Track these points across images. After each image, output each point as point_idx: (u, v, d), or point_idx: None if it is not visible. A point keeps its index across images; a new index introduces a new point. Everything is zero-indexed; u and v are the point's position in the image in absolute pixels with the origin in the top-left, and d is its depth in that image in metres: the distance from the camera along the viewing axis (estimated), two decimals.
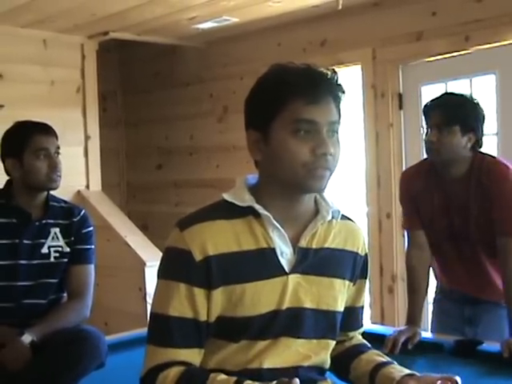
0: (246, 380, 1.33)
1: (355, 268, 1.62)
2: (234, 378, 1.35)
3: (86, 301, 2.50)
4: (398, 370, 1.57)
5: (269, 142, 1.46)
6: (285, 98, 1.43)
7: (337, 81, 1.48)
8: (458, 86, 3.95)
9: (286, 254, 1.50)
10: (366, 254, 1.66)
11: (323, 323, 1.54)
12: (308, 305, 1.51)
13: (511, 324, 2.44)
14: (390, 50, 4.22)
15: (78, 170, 4.96)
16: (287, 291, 1.48)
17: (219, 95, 5.39)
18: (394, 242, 4.25)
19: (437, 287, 2.91)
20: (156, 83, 5.90)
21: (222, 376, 1.37)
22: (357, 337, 1.75)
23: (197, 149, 5.61)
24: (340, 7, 3.72)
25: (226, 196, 1.51)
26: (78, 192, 4.93)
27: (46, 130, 2.53)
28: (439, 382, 1.47)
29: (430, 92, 4.10)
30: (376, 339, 2.38)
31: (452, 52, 3.94)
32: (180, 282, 1.43)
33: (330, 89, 1.46)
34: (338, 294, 1.57)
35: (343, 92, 1.49)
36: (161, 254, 4.90)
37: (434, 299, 2.91)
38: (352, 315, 1.67)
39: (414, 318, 2.60)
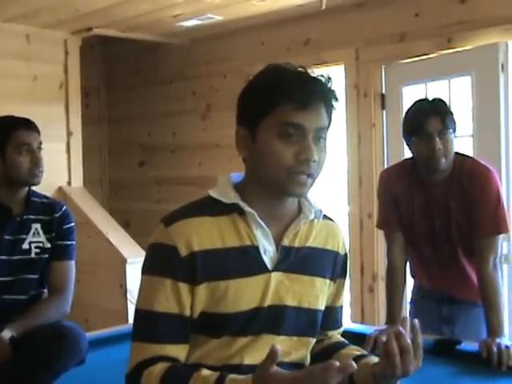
0: (228, 374, 1.33)
1: (335, 267, 1.64)
2: (216, 374, 1.35)
3: (66, 297, 2.49)
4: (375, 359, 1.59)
5: (256, 140, 1.47)
6: (275, 100, 1.44)
7: (330, 87, 1.49)
8: (437, 87, 3.98)
9: (268, 252, 1.51)
10: (345, 254, 1.68)
11: (304, 321, 1.55)
12: (290, 303, 1.52)
13: (488, 324, 2.47)
14: (373, 50, 4.24)
15: (59, 166, 4.95)
16: (269, 289, 1.49)
17: (202, 93, 5.40)
18: (375, 241, 4.27)
19: (414, 287, 2.93)
20: (139, 80, 5.89)
21: (206, 372, 1.37)
22: (336, 336, 1.76)
23: (179, 146, 5.61)
24: (323, 7, 3.73)
25: (212, 193, 1.52)
26: (60, 188, 4.92)
27: (28, 125, 2.52)
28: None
29: (410, 93, 4.13)
30: (356, 338, 2.40)
31: (435, 53, 3.97)
32: (165, 278, 1.44)
33: (322, 95, 1.46)
34: (318, 293, 1.58)
35: (336, 99, 1.49)
36: (142, 251, 4.85)
37: (412, 299, 2.92)
38: (332, 315, 1.67)
39: (393, 317, 2.62)
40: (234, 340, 1.47)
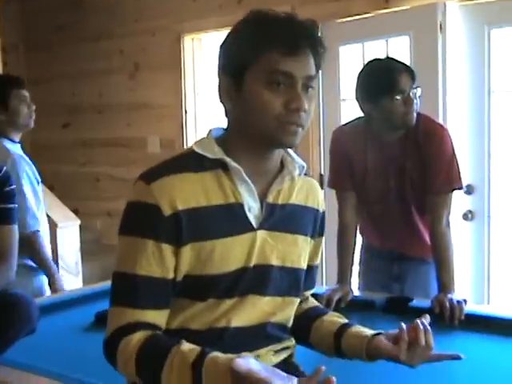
0: (209, 352, 1.26)
1: (315, 224, 1.60)
2: (196, 350, 1.28)
3: (10, 262, 2.34)
4: (366, 330, 1.57)
5: (241, 90, 1.40)
6: (261, 48, 1.36)
7: (317, 34, 1.43)
8: (375, 47, 3.98)
9: (253, 209, 1.45)
10: (323, 211, 1.64)
11: (288, 281, 1.51)
12: (274, 262, 1.47)
13: (439, 281, 2.50)
14: (310, 8, 4.17)
15: None
16: (255, 248, 1.44)
17: (130, 51, 5.23)
18: None
19: (362, 247, 2.93)
20: (62, 37, 5.64)
21: (185, 346, 1.30)
22: (311, 299, 1.74)
23: (106, 107, 5.44)
24: None
25: (196, 147, 1.44)
26: None
27: None
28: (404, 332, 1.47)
29: (347, 52, 4.12)
30: None
31: (372, 13, 3.95)
32: (147, 239, 1.35)
33: (309, 41, 1.39)
34: (301, 251, 1.54)
35: (323, 47, 1.42)
36: (73, 216, 4.64)
37: (361, 259, 2.93)
38: (308, 274, 1.63)
39: (345, 276, 2.62)
40: (220, 302, 1.41)
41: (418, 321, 1.48)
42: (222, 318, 1.42)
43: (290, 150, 1.52)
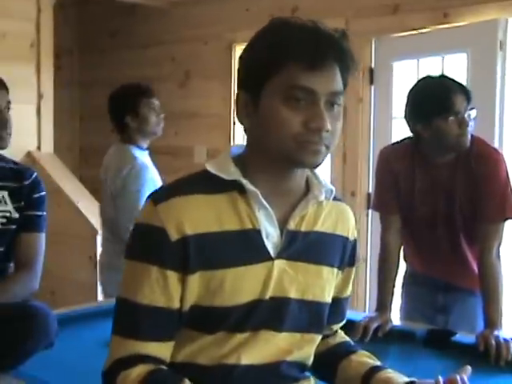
0: None
1: (344, 254, 1.46)
2: None
3: (35, 272, 2.28)
4: (397, 376, 1.43)
5: (258, 107, 1.28)
6: (280, 60, 1.24)
7: (346, 45, 1.28)
8: (430, 64, 3.83)
9: (271, 237, 1.32)
10: (355, 240, 1.50)
11: (308, 315, 1.38)
12: (292, 295, 1.35)
13: (486, 316, 2.34)
14: (364, 21, 4.05)
15: (28, 130, 4.69)
16: (271, 278, 1.31)
17: (181, 59, 5.19)
18: (359, 221, 4.13)
19: (406, 272, 2.79)
20: (114, 43, 5.65)
21: None
22: (340, 333, 1.61)
23: None
24: None
25: (209, 167, 1.32)
26: (29, 153, 4.67)
27: None
28: None
29: (401, 68, 3.98)
30: (344, 324, 2.27)
31: (429, 28, 3.81)
32: (151, 265, 1.25)
33: (336, 53, 1.26)
34: (325, 284, 1.41)
35: (352, 59, 1.29)
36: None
37: (403, 284, 2.78)
38: (337, 307, 1.50)
39: (384, 304, 2.48)
40: (230, 336, 1.30)
41: (458, 376, 1.34)
42: (232, 353, 1.30)
43: (316, 172, 1.39)
